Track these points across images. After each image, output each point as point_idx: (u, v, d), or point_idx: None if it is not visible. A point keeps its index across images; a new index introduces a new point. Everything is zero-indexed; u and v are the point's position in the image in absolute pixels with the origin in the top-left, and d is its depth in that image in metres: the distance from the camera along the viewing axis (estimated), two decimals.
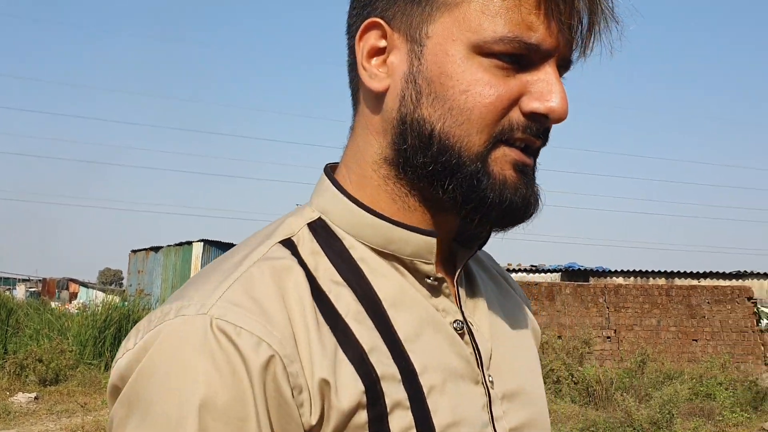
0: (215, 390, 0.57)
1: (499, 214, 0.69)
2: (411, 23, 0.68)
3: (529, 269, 20.77)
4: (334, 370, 0.61)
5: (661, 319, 14.50)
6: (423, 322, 0.69)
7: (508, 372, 0.76)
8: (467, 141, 0.67)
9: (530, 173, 0.71)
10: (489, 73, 0.66)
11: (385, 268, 0.70)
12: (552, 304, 15.06)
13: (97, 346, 12.33)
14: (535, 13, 0.64)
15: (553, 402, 9.87)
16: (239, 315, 0.60)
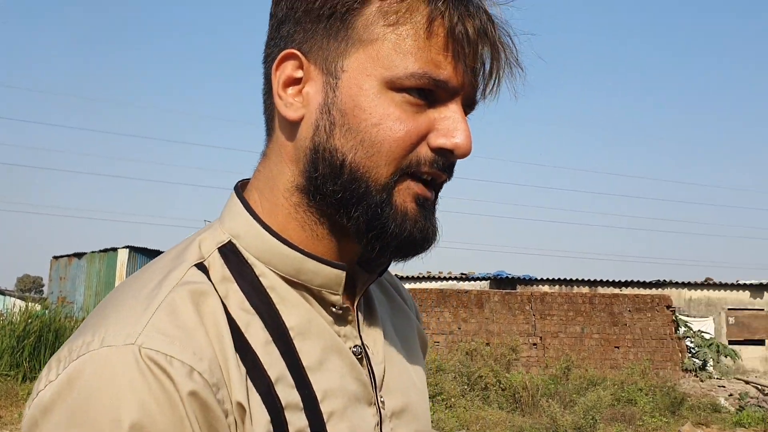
0: (154, 418, 0.56)
1: (398, 244, 0.72)
2: (327, 57, 0.71)
3: (458, 277, 21.01)
4: (247, 398, 0.63)
5: (585, 327, 14.90)
6: (327, 349, 0.72)
7: (396, 391, 0.80)
8: (375, 172, 0.70)
9: (430, 207, 0.74)
10: (400, 109, 0.69)
11: (294, 297, 0.72)
12: (481, 312, 15.28)
13: (15, 356, 11.83)
14: (443, 54, 0.68)
15: (480, 408, 10.01)
16: (168, 344, 0.60)
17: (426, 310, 15.44)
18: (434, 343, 15.14)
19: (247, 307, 0.68)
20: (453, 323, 15.33)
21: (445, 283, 20.68)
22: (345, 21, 0.69)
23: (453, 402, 9.85)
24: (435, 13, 0.68)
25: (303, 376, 0.68)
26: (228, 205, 0.76)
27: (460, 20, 0.68)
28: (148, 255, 26.67)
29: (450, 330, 15.32)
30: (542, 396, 10.38)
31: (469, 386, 11.04)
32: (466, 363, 11.96)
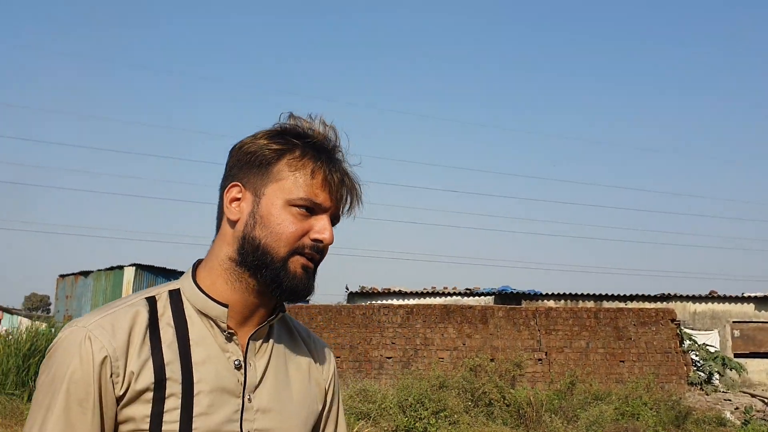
0: (77, 367, 1.11)
1: (289, 292, 1.21)
2: (255, 186, 1.23)
3: (463, 293, 21.03)
4: (140, 369, 1.12)
5: (590, 341, 14.89)
6: (212, 355, 1.19)
7: (267, 397, 1.23)
8: (277, 251, 1.20)
9: (311, 272, 1.24)
10: (293, 216, 1.20)
11: (200, 322, 1.21)
12: (485, 327, 15.29)
13: (20, 375, 11.85)
14: (320, 188, 1.22)
15: (484, 424, 10.01)
16: (99, 332, 1.13)
17: (430, 326, 15.46)
18: (438, 359, 15.14)
19: (170, 322, 1.19)
20: (457, 339, 15.34)
21: (449, 298, 20.70)
22: (266, 167, 1.23)
23: (456, 418, 9.85)
24: (316, 166, 1.22)
25: (189, 365, 1.16)
26: (186, 274, 1.29)
27: (330, 171, 1.22)
28: (154, 273, 26.72)
29: (454, 346, 15.32)
30: (546, 411, 10.37)
31: (473, 402, 11.04)
32: (470, 379, 11.96)
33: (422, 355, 15.36)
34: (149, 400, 1.11)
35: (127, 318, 1.15)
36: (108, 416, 1.12)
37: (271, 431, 1.21)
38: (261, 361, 1.24)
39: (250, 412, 1.19)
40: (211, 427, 1.14)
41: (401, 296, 21.15)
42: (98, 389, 1.10)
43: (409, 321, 15.63)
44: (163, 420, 1.11)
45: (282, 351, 1.31)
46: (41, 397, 1.12)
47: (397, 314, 15.76)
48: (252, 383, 1.21)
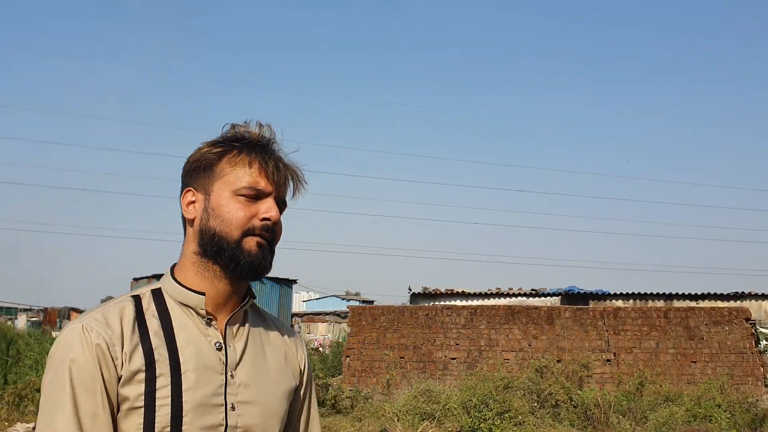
0: (78, 355, 1.24)
1: (248, 270, 1.36)
2: (205, 186, 1.39)
3: (528, 293, 20.79)
4: (132, 351, 1.27)
5: (660, 342, 14.51)
6: (193, 339, 1.33)
7: (247, 374, 1.37)
8: (231, 234, 1.35)
9: (266, 249, 1.38)
10: (240, 203, 1.36)
11: (180, 311, 1.36)
12: (551, 328, 15.08)
13: None
14: (259, 176, 1.37)
15: (551, 426, 9.88)
16: (94, 324, 1.27)
17: (494, 327, 15.34)
18: (504, 361, 15.01)
19: (155, 314, 1.34)
20: (523, 340, 15.18)
21: (513, 299, 20.48)
22: (211, 169, 1.40)
23: (522, 419, 9.75)
24: (252, 158, 1.38)
25: (174, 348, 1.31)
26: (165, 274, 1.44)
27: (265, 160, 1.39)
28: None
29: (520, 347, 15.16)
30: (614, 413, 10.16)
31: (539, 403, 10.90)
32: (536, 380, 11.82)
33: (487, 356, 15.25)
34: (142, 380, 1.25)
35: (116, 312, 1.31)
36: (113, 396, 1.25)
37: (253, 402, 1.36)
38: (239, 343, 1.39)
39: (233, 386, 1.34)
40: (199, 399, 1.28)
41: (464, 297, 21.04)
42: (101, 372, 1.24)
43: (472, 322, 15.55)
44: (156, 396, 1.26)
45: (258, 334, 1.46)
46: (49, 390, 1.25)
47: (461, 315, 15.70)
48: (233, 361, 1.36)
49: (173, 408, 1.25)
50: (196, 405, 1.27)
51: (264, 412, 1.37)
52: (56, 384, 1.23)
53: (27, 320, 41.28)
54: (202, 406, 1.28)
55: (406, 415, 10.24)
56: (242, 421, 1.33)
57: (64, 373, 1.23)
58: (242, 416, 1.33)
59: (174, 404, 1.26)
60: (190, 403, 1.27)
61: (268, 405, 1.39)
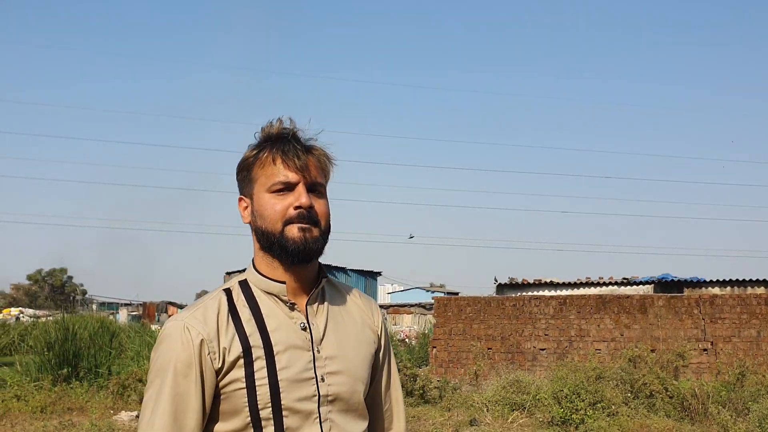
0: (180, 350, 1.43)
1: (297, 255, 1.51)
2: (249, 192, 1.57)
3: (620, 282, 20.26)
4: (230, 344, 1.45)
5: (762, 330, 13.86)
6: (281, 323, 1.51)
7: (331, 347, 1.54)
8: (274, 227, 1.51)
9: (310, 232, 1.51)
10: (274, 199, 1.52)
11: (266, 300, 1.54)
12: (644, 317, 14.65)
13: None
14: (284, 170, 1.51)
15: (646, 417, 9.60)
16: (194, 322, 1.46)
17: (585, 317, 15.03)
18: (595, 351, 14.69)
19: (244, 304, 1.52)
20: (615, 330, 14.80)
21: (604, 288, 20.00)
22: (248, 175, 1.57)
23: (615, 410, 9.52)
24: (274, 155, 1.53)
25: (266, 333, 1.48)
26: (248, 266, 1.61)
27: (285, 153, 1.52)
28: None
29: (611, 337, 14.80)
30: (713, 403, 9.78)
31: (632, 394, 10.61)
32: (629, 370, 11.50)
33: (577, 347, 14.96)
34: (242, 365, 1.43)
35: (213, 307, 1.49)
36: (209, 387, 1.44)
37: (339, 372, 1.53)
38: (320, 321, 1.56)
39: (321, 360, 1.51)
40: (292, 375, 1.46)
41: (552, 287, 20.70)
42: (199, 365, 1.42)
43: (562, 312, 15.28)
44: (255, 377, 1.43)
45: (337, 309, 1.62)
46: (154, 377, 1.44)
47: (549, 305, 15.45)
48: (317, 338, 1.52)
49: (271, 386, 1.43)
50: (290, 381, 1.45)
51: (350, 379, 1.54)
52: (161, 375, 1.43)
53: (128, 314, 43.30)
54: (296, 381, 1.46)
55: (496, 406, 10.18)
56: (332, 389, 1.50)
57: (168, 366, 1.42)
58: (331, 385, 1.50)
59: (271, 382, 1.43)
60: (285, 380, 1.44)
61: (353, 372, 1.55)
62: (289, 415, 1.44)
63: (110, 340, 14.47)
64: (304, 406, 1.46)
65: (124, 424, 9.24)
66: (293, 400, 1.45)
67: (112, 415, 9.91)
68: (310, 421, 1.46)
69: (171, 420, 1.39)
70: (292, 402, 1.44)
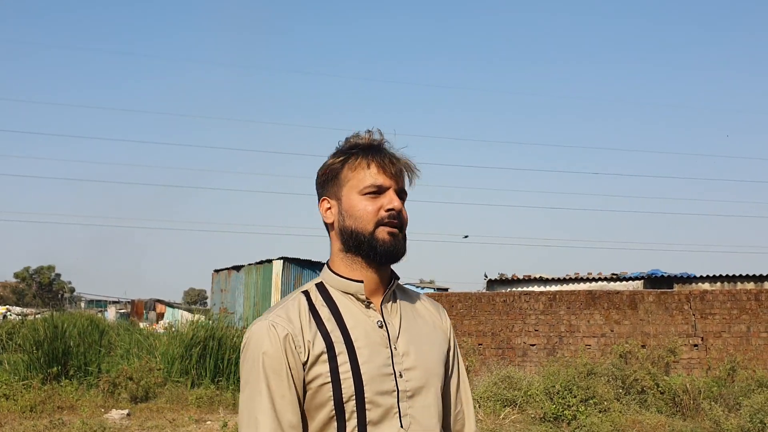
0: (268, 347, 1.49)
1: (385, 256, 1.59)
2: (336, 194, 1.64)
3: (609, 278, 20.32)
4: (313, 338, 1.51)
5: (751, 325, 13.94)
6: (359, 320, 1.58)
7: (406, 344, 1.60)
8: (365, 227, 1.58)
9: (398, 236, 1.60)
10: (367, 200, 1.59)
11: (344, 299, 1.60)
12: (634, 313, 14.69)
13: (184, 363, 12.71)
14: (377, 174, 1.60)
15: (637, 412, 9.63)
16: (279, 319, 1.53)
17: (575, 312, 15.06)
18: (585, 347, 14.73)
19: (323, 303, 1.59)
20: (605, 325, 14.84)
21: (594, 284, 20.05)
22: (337, 177, 1.64)
23: (607, 405, 9.53)
24: (368, 160, 1.61)
25: (346, 330, 1.55)
26: (323, 269, 1.67)
27: (380, 159, 1.61)
28: (300, 265, 27.75)
29: (602, 332, 14.83)
30: (705, 399, 9.82)
31: (624, 390, 10.64)
32: (621, 366, 11.53)
33: (567, 342, 14.99)
34: (326, 360, 1.49)
35: (294, 307, 1.56)
36: (298, 380, 1.49)
37: (415, 368, 1.59)
38: (395, 320, 1.63)
39: (398, 357, 1.57)
40: (374, 370, 1.52)
41: (542, 283, 20.74)
42: (287, 360, 1.48)
43: (552, 308, 15.30)
44: (339, 371, 1.49)
45: (408, 309, 1.70)
46: (247, 376, 1.51)
47: (539, 301, 15.47)
48: (393, 336, 1.59)
49: (355, 379, 1.49)
50: (372, 375, 1.51)
51: (425, 375, 1.60)
52: (253, 374, 1.49)
53: (116, 312, 43.09)
54: (378, 376, 1.52)
55: (487, 402, 10.17)
56: (409, 385, 1.56)
57: (259, 364, 1.49)
58: (409, 381, 1.56)
59: (355, 376, 1.49)
60: (368, 374, 1.51)
61: (428, 368, 1.61)
62: (371, 409, 1.49)
63: (100, 337, 14.36)
64: (385, 401, 1.51)
65: (115, 423, 9.16)
66: (375, 394, 1.50)
67: (103, 414, 9.83)
68: (390, 415, 1.52)
69: (272, 416, 1.45)
70: (374, 395, 1.50)
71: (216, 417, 9.91)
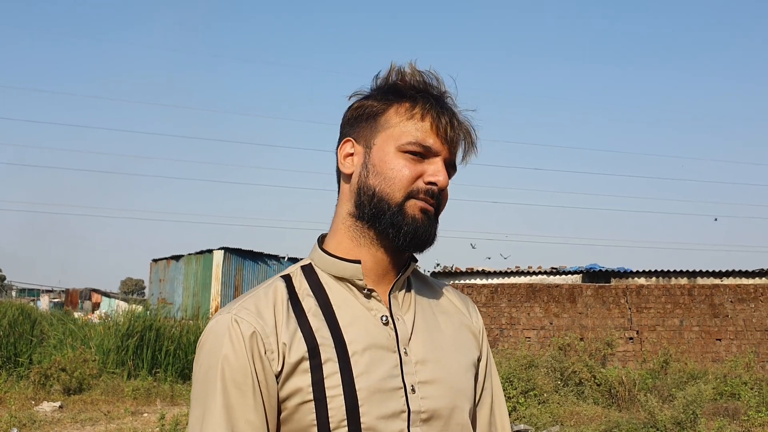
0: (229, 350, 1.09)
1: (411, 239, 1.18)
2: (366, 137, 1.23)
3: (549, 271, 20.67)
4: (291, 340, 1.11)
5: (684, 319, 14.37)
6: (357, 315, 1.17)
7: (423, 348, 1.19)
8: (393, 195, 1.18)
9: (432, 217, 1.20)
10: (405, 160, 1.19)
11: (337, 286, 1.20)
12: (573, 306, 14.97)
13: (120, 354, 12.42)
14: (429, 133, 1.19)
15: (575, 404, 9.81)
16: (245, 313, 1.13)
17: (516, 305, 15.26)
18: (525, 339, 14.95)
19: (309, 293, 1.19)
20: (544, 318, 15.09)
21: (534, 277, 20.38)
22: (375, 118, 1.23)
23: (546, 397, 9.69)
24: (424, 110, 1.20)
25: (337, 328, 1.14)
26: (313, 246, 1.29)
27: (438, 115, 1.20)
28: (242, 255, 27.39)
29: (541, 325, 15.08)
30: (639, 391, 10.07)
31: (562, 381, 10.83)
32: (560, 358, 11.74)
33: (508, 335, 15.19)
34: (307, 369, 1.09)
35: (268, 296, 1.17)
36: (270, 395, 1.10)
37: (435, 381, 1.17)
38: (408, 315, 1.22)
39: (410, 365, 1.16)
40: (374, 384, 1.11)
41: (484, 276, 20.97)
42: (254, 369, 1.09)
43: (493, 300, 15.48)
44: (325, 386, 1.09)
45: (427, 302, 1.29)
46: (198, 389, 1.11)
47: (482, 294, 15.63)
48: (404, 336, 1.18)
49: (347, 397, 1.09)
50: (372, 391, 1.10)
51: (449, 391, 1.19)
52: (208, 387, 1.10)
53: (49, 301, 41.85)
54: (379, 392, 1.11)
55: None
56: (426, 404, 1.15)
57: (216, 373, 1.09)
58: (426, 398, 1.15)
59: (347, 393, 1.09)
60: (365, 389, 1.10)
61: (453, 382, 1.20)
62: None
63: (31, 327, 13.90)
64: (391, 426, 1.11)
65: (46, 415, 8.87)
66: (376, 418, 1.10)
67: (33, 406, 9.50)
68: None
69: None
70: (374, 419, 1.10)
71: (153, 409, 9.69)
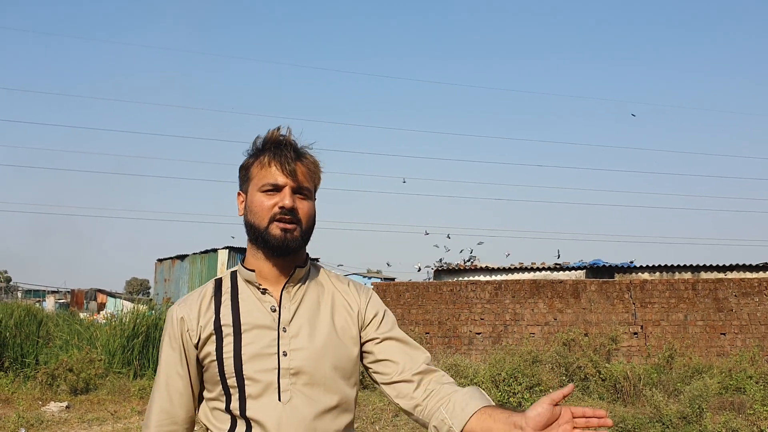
0: (169, 328, 1.76)
1: (277, 249, 1.71)
2: (245, 189, 1.79)
3: (552, 267, 20.67)
4: (206, 323, 1.72)
5: (688, 314, 14.37)
6: (253, 306, 1.73)
7: (298, 326, 1.72)
8: (260, 222, 1.72)
9: (291, 231, 1.71)
10: (264, 197, 1.72)
11: (245, 286, 1.77)
12: (577, 302, 14.98)
13: (126, 354, 12.44)
14: (275, 172, 1.72)
15: (580, 399, 9.82)
16: (182, 305, 1.78)
17: (519, 301, 15.28)
18: (530, 335, 14.96)
19: (228, 291, 1.78)
20: (548, 314, 15.10)
21: (538, 273, 20.38)
22: (246, 174, 1.79)
23: (551, 393, 9.69)
24: (268, 158, 1.74)
25: (237, 315, 1.72)
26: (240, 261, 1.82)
27: (277, 157, 1.73)
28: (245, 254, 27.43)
29: (545, 321, 15.10)
30: (645, 385, 10.08)
31: (567, 377, 10.84)
32: (564, 354, 11.75)
33: (512, 331, 15.21)
34: (213, 341, 1.69)
35: (199, 294, 1.79)
36: (191, 357, 1.74)
37: (302, 348, 1.70)
38: (293, 305, 1.75)
39: (285, 338, 1.70)
40: (255, 350, 1.67)
41: (488, 272, 20.98)
42: (181, 338, 1.74)
43: (497, 297, 15.50)
44: (223, 351, 1.68)
45: (314, 295, 1.80)
46: (160, 348, 1.80)
47: (485, 290, 15.65)
48: (286, 319, 1.72)
49: (235, 358, 1.66)
50: (252, 355, 1.67)
51: (312, 355, 1.70)
52: (163, 344, 1.78)
53: (55, 302, 41.92)
54: (258, 356, 1.67)
55: None
56: (294, 363, 1.68)
57: (164, 338, 1.77)
58: (293, 360, 1.68)
59: (236, 355, 1.66)
60: (248, 354, 1.67)
61: (316, 349, 1.71)
62: (251, 384, 1.65)
63: (37, 328, 13.91)
64: (264, 377, 1.66)
65: (53, 415, 8.90)
66: (254, 371, 1.66)
67: (41, 407, 9.53)
68: (270, 390, 1.66)
69: (164, 382, 1.75)
70: (252, 372, 1.65)
71: None
